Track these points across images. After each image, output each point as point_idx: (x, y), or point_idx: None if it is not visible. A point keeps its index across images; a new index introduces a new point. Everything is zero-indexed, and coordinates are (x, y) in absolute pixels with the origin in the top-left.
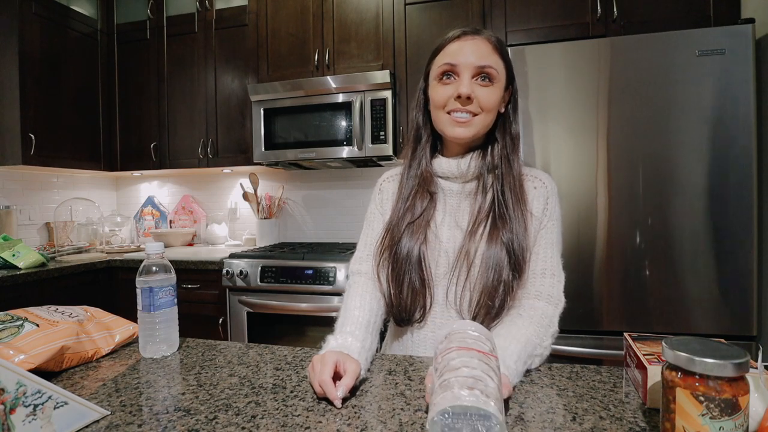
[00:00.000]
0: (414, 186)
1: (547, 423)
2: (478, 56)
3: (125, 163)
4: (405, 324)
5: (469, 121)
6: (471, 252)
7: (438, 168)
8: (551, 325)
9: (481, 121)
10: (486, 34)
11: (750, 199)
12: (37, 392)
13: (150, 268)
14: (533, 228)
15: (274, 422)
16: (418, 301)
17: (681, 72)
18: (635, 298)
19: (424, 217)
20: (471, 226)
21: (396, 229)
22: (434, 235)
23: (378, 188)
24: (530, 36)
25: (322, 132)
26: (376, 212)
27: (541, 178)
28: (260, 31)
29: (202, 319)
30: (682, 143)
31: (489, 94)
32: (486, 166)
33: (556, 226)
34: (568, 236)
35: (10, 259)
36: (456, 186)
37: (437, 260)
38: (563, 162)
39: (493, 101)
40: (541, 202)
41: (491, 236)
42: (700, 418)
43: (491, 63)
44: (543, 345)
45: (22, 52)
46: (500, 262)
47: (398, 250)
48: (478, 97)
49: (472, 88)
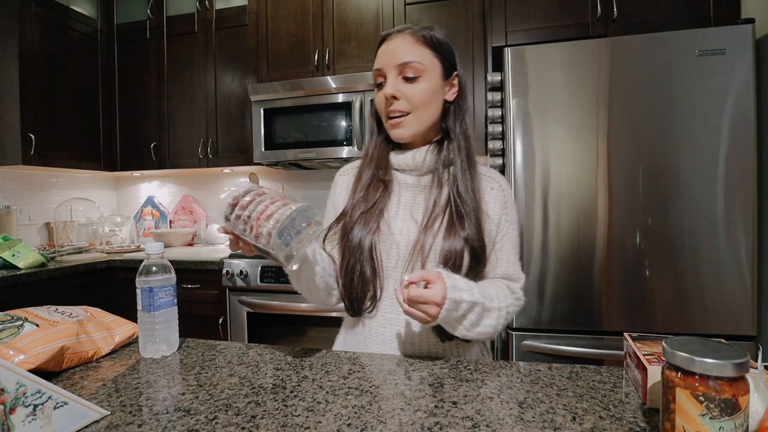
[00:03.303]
0: (369, 177)
1: (547, 423)
2: (398, 54)
3: (125, 163)
4: (356, 314)
5: (402, 121)
6: (426, 246)
7: (394, 160)
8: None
9: (416, 118)
10: (411, 29)
11: (750, 199)
12: (37, 392)
13: (150, 268)
14: (489, 229)
15: (274, 422)
16: (369, 291)
17: (681, 72)
18: (635, 298)
19: (377, 207)
20: (426, 220)
21: (349, 219)
22: (387, 227)
23: (334, 183)
24: (530, 36)
25: (322, 132)
26: (330, 207)
27: (497, 180)
28: (260, 31)
29: (202, 319)
30: (682, 143)
31: (416, 89)
32: (441, 160)
33: (514, 230)
34: (568, 236)
35: (10, 259)
36: (411, 179)
37: (389, 252)
38: (563, 162)
39: (422, 96)
40: (498, 205)
41: (449, 232)
42: (700, 418)
43: (413, 58)
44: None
45: (22, 52)
46: (460, 256)
47: (350, 238)
48: (405, 94)
49: (397, 86)
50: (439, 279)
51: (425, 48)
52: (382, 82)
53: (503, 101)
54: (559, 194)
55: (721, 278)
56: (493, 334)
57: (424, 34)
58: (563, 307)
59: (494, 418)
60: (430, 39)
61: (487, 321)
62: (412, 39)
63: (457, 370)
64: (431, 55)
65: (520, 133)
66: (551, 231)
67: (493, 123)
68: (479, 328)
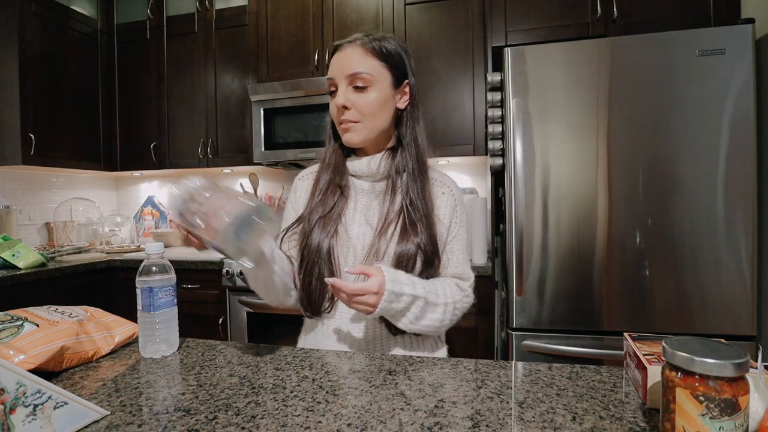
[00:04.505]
0: (327, 181)
1: (547, 423)
2: (347, 66)
3: (125, 163)
4: (315, 314)
5: (352, 127)
6: (381, 250)
7: (350, 166)
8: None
9: (366, 126)
10: (361, 40)
11: (750, 199)
12: (37, 392)
13: (150, 268)
14: (441, 232)
15: (274, 422)
16: (327, 292)
17: (681, 72)
18: (635, 298)
19: (335, 211)
20: (381, 225)
21: (308, 222)
22: (344, 231)
23: (293, 187)
24: (530, 36)
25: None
26: (290, 209)
27: (447, 185)
28: (260, 31)
29: (202, 319)
30: (682, 143)
31: (365, 99)
32: (395, 166)
33: (464, 231)
34: (568, 236)
35: (10, 259)
36: (367, 185)
37: (346, 255)
38: (563, 162)
39: (371, 106)
40: (449, 209)
41: (402, 237)
42: (700, 418)
43: (362, 69)
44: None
45: (22, 52)
46: (412, 259)
47: (309, 242)
48: (355, 104)
49: (347, 96)
50: (378, 272)
51: (374, 59)
52: (334, 91)
53: (503, 101)
54: (559, 194)
55: (721, 278)
56: (439, 328)
57: (374, 46)
58: (563, 307)
59: (494, 418)
60: (380, 50)
61: (432, 315)
62: (362, 50)
63: (457, 370)
64: (381, 66)
65: (520, 133)
66: (551, 231)
67: (493, 123)
68: (424, 321)
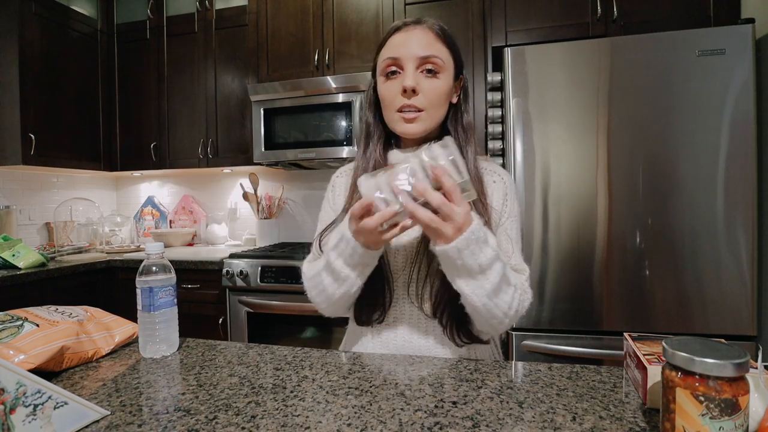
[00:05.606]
0: None
1: (547, 423)
2: (420, 47)
3: (125, 163)
4: (365, 323)
5: (418, 116)
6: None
7: (393, 160)
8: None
9: (430, 116)
10: (429, 22)
11: (750, 199)
12: (37, 392)
13: (150, 268)
14: (494, 219)
15: (274, 422)
16: (378, 294)
17: (681, 72)
18: (635, 298)
19: None
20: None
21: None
22: None
23: (331, 185)
24: (530, 36)
25: (322, 132)
26: (328, 209)
27: (499, 173)
28: (260, 31)
29: (202, 319)
30: (682, 143)
31: (435, 86)
32: None
33: (516, 222)
34: (568, 236)
35: (10, 259)
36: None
37: (395, 253)
38: (563, 162)
39: (441, 94)
40: (500, 197)
41: None
42: (700, 418)
43: (435, 53)
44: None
45: (22, 52)
46: None
47: None
48: (424, 90)
49: (417, 80)
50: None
51: (443, 44)
52: (396, 71)
53: (503, 101)
54: (559, 194)
55: (721, 278)
56: (502, 321)
57: (444, 31)
58: (563, 307)
59: (494, 418)
60: (447, 37)
61: (505, 296)
62: (434, 34)
63: (457, 370)
64: (448, 54)
65: (520, 133)
66: (551, 231)
67: (493, 123)
68: (502, 296)
